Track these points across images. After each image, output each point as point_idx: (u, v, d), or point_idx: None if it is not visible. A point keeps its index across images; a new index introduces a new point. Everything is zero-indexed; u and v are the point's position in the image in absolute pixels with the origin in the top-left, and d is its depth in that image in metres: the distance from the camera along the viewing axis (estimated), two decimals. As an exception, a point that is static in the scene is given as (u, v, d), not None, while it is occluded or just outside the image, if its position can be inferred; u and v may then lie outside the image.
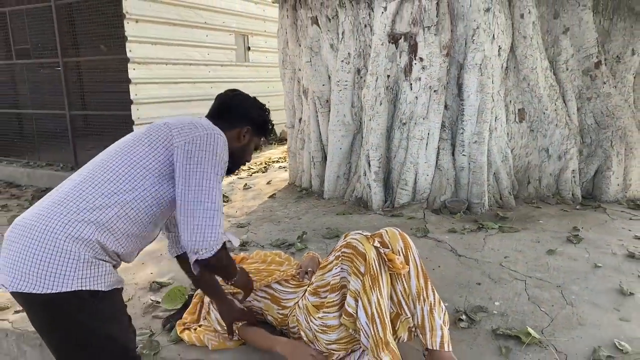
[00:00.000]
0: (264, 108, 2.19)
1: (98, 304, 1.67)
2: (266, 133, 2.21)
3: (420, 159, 4.79)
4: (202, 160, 1.76)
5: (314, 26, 5.26)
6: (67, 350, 1.69)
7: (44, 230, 1.60)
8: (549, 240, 4.09)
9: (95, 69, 8.47)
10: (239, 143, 2.08)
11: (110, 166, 1.76)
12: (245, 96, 2.16)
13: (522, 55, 4.85)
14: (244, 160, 2.18)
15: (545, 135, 5.07)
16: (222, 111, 2.09)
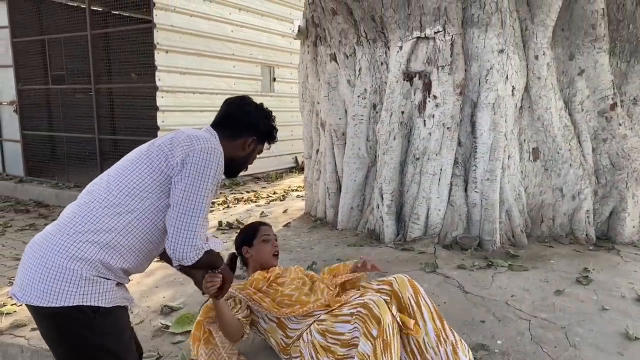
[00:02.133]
0: (270, 116, 2.22)
1: (99, 319, 1.78)
2: (271, 140, 2.26)
3: (433, 194, 4.85)
4: (194, 174, 1.84)
5: (333, 62, 5.44)
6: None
7: (50, 249, 1.77)
8: (558, 280, 4.08)
9: (125, 95, 8.81)
10: (243, 152, 2.15)
11: (112, 189, 1.87)
12: (252, 106, 2.18)
13: (537, 95, 4.92)
14: (246, 166, 2.25)
15: (559, 175, 5.09)
16: (229, 121, 2.12)
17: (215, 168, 1.89)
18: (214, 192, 1.97)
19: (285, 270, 2.73)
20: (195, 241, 1.81)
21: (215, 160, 1.90)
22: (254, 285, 2.57)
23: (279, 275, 2.70)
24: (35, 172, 9.60)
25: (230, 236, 5.57)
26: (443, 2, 4.57)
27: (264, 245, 2.68)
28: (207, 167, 1.87)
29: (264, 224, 2.82)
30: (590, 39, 4.95)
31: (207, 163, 1.87)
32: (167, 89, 8.01)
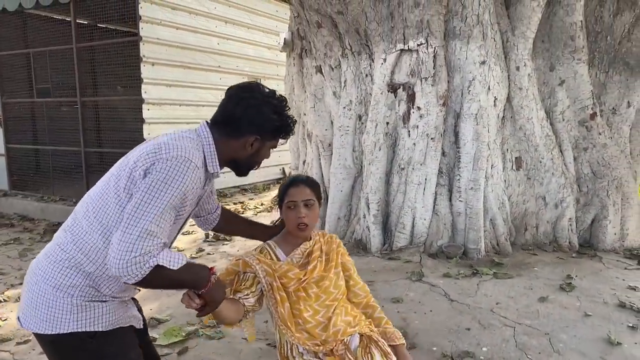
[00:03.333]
0: (278, 109, 1.84)
1: (96, 343, 1.73)
2: (282, 136, 1.92)
3: (418, 203, 4.90)
4: (153, 184, 1.59)
5: (318, 74, 5.50)
6: None
7: (41, 277, 1.72)
8: (541, 288, 4.14)
9: (111, 108, 8.78)
10: (245, 152, 1.86)
11: (89, 215, 1.75)
12: (257, 100, 1.81)
13: (518, 105, 5.01)
14: (252, 167, 1.96)
15: (542, 184, 5.17)
16: (226, 117, 1.82)
17: (180, 180, 1.62)
18: (185, 211, 1.75)
19: (321, 279, 2.11)
20: (133, 254, 1.53)
21: (181, 171, 1.63)
22: (283, 280, 2.05)
23: (312, 283, 2.10)
24: (20, 186, 9.51)
25: (217, 248, 5.58)
26: (425, 15, 4.66)
27: (288, 212, 2.07)
28: (170, 177, 1.60)
29: (294, 184, 2.10)
30: (569, 50, 5.06)
31: (170, 174, 1.61)
32: (153, 101, 8.00)
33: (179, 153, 1.65)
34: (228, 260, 5.08)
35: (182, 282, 1.70)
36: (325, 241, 2.18)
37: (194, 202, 1.85)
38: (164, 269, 1.58)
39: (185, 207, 1.73)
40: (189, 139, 1.76)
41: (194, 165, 1.67)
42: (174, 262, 1.61)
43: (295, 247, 2.12)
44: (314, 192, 2.09)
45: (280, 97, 1.89)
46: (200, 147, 1.77)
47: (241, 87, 1.87)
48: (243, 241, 5.84)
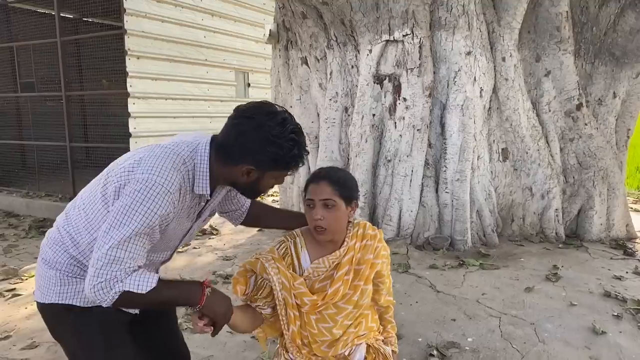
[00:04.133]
0: (277, 139, 1.62)
1: (74, 317, 1.74)
2: (287, 168, 1.71)
3: (405, 195, 4.88)
4: (123, 208, 1.54)
5: (304, 66, 5.46)
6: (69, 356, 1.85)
7: (40, 251, 1.83)
8: (528, 278, 4.14)
9: (97, 102, 8.69)
10: (242, 179, 1.72)
11: (80, 207, 1.76)
12: (250, 128, 1.63)
13: (505, 96, 5.00)
14: (256, 194, 1.83)
15: (528, 175, 5.17)
16: (221, 143, 1.69)
17: (147, 207, 1.53)
18: (172, 227, 1.68)
19: (341, 299, 1.88)
20: (99, 280, 1.51)
21: (149, 197, 1.53)
22: (298, 301, 1.87)
23: (330, 304, 1.88)
24: (5, 182, 9.38)
25: (204, 242, 5.54)
26: (411, 6, 4.62)
27: (307, 212, 1.85)
28: (137, 203, 1.53)
29: (314, 180, 1.84)
30: (555, 41, 5.05)
31: (138, 199, 1.53)
32: (139, 95, 7.91)
33: (151, 176, 1.56)
34: (214, 255, 5.05)
35: (168, 302, 1.68)
36: (361, 247, 1.89)
37: (190, 218, 1.78)
38: (135, 293, 1.55)
39: (168, 225, 1.66)
40: (172, 157, 1.64)
41: (165, 190, 1.56)
42: (143, 286, 1.56)
43: (324, 250, 1.89)
44: (338, 190, 1.79)
45: (284, 124, 1.63)
46: (185, 167, 1.65)
47: (244, 109, 1.69)
48: (230, 234, 5.80)
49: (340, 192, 1.80)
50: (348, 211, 1.85)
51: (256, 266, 1.89)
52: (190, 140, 1.73)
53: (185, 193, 1.66)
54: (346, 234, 1.89)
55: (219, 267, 4.66)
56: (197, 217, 1.83)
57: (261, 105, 1.69)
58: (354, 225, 1.93)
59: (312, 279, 1.87)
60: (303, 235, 1.93)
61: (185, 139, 1.74)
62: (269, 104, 1.70)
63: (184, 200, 1.67)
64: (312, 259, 1.88)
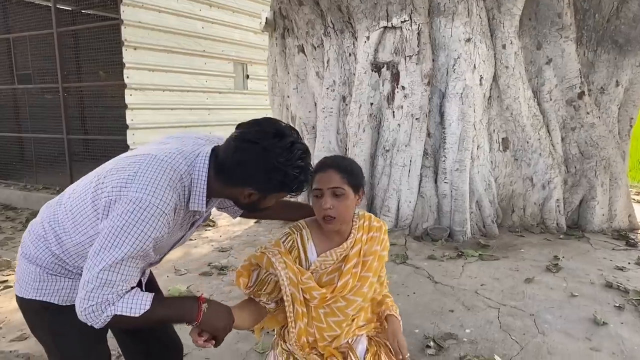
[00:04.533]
0: (283, 167, 1.51)
1: (49, 316, 1.68)
2: (291, 192, 1.61)
3: (403, 185, 4.81)
4: (114, 230, 1.45)
5: (301, 54, 5.37)
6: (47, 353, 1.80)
7: (22, 245, 1.74)
8: (527, 269, 4.07)
9: (94, 94, 8.61)
10: (244, 200, 1.63)
11: (67, 205, 1.67)
12: (253, 155, 1.51)
13: (505, 84, 4.91)
14: (257, 211, 1.73)
15: (529, 164, 5.09)
16: (221, 164, 1.57)
17: (140, 230, 1.45)
18: (166, 239, 1.58)
19: (350, 291, 1.85)
20: (90, 303, 1.46)
21: (142, 220, 1.45)
22: (306, 295, 1.82)
23: (339, 297, 1.85)
24: (3, 175, 9.33)
25: (200, 234, 5.47)
26: (409, -9, 4.53)
27: (314, 202, 1.78)
28: (129, 226, 1.44)
29: (322, 168, 1.77)
30: (557, 28, 4.95)
31: (130, 221, 1.44)
32: (136, 87, 7.83)
33: (146, 196, 1.46)
34: (210, 246, 4.98)
35: (163, 321, 1.63)
36: (368, 239, 1.86)
37: (183, 229, 1.71)
38: (128, 316, 1.49)
39: (162, 240, 1.56)
40: (168, 173, 1.53)
41: (160, 212, 1.47)
42: (136, 309, 1.50)
43: (330, 242, 1.84)
44: (346, 178, 1.73)
45: (292, 149, 1.52)
46: (181, 184, 1.55)
47: (248, 130, 1.55)
48: (227, 226, 5.73)
49: (349, 180, 1.74)
50: (356, 200, 1.79)
51: (262, 260, 1.83)
52: (189, 150, 1.62)
53: (179, 210, 1.57)
54: (352, 225, 1.84)
55: (215, 258, 4.59)
56: (191, 226, 1.76)
57: (267, 125, 1.56)
58: (359, 217, 1.88)
59: (319, 272, 1.82)
60: (309, 227, 1.87)
61: (184, 148, 1.63)
62: (276, 124, 1.57)
63: (177, 217, 1.59)
64: (318, 251, 1.83)
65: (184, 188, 1.56)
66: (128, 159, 1.61)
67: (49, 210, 1.72)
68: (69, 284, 1.68)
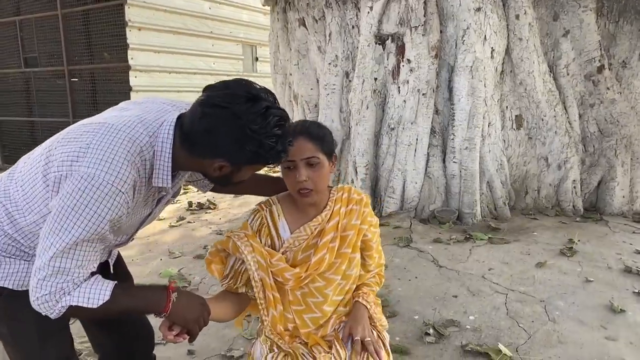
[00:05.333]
0: (257, 135, 1.32)
1: (4, 302, 1.52)
2: (267, 164, 1.44)
3: (409, 165, 4.57)
4: (65, 209, 1.29)
5: (302, 28, 5.13)
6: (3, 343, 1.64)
7: None
8: (540, 253, 3.82)
9: (100, 76, 8.49)
10: (214, 173, 1.44)
11: (19, 179, 1.48)
12: (222, 121, 1.32)
13: (518, 58, 4.62)
14: (229, 184, 1.54)
15: (544, 143, 4.81)
16: (187, 133, 1.39)
17: (97, 212, 1.29)
18: (128, 220, 1.44)
19: (329, 269, 1.69)
20: (43, 292, 1.32)
21: (95, 199, 1.28)
22: (279, 278, 1.66)
23: (316, 276, 1.69)
24: (13, 160, 9.30)
25: (199, 217, 5.31)
26: (415, -43, 4.26)
27: (287, 174, 1.60)
28: (84, 206, 1.28)
29: (293, 135, 1.53)
30: (575, -3, 4.64)
31: (82, 201, 1.27)
32: (141, 68, 7.70)
33: (99, 172, 1.29)
34: (208, 229, 4.82)
35: (125, 311, 1.48)
36: (347, 212, 1.70)
37: (148, 206, 1.55)
38: (85, 307, 1.35)
39: (121, 222, 1.40)
40: (126, 145, 1.35)
41: (115, 190, 1.30)
42: (93, 300, 1.35)
43: (304, 217, 1.69)
44: (319, 145, 1.59)
45: (266, 115, 1.34)
46: (141, 158, 1.38)
47: (216, 94, 1.36)
48: (228, 209, 5.56)
49: (322, 147, 1.60)
50: (330, 167, 1.65)
51: (228, 245, 1.67)
52: (152, 118, 1.44)
53: (140, 186, 1.41)
54: (328, 197, 1.71)
55: (211, 241, 4.42)
56: (158, 203, 1.58)
57: (238, 87, 1.36)
58: (338, 190, 1.74)
59: (293, 250, 1.68)
60: (280, 203, 1.73)
61: (146, 116, 1.44)
62: (248, 85, 1.38)
63: (138, 194, 1.42)
64: (291, 228, 1.69)
65: (144, 162, 1.39)
66: (82, 128, 1.42)
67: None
68: (24, 266, 1.52)
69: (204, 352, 2.72)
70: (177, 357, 2.71)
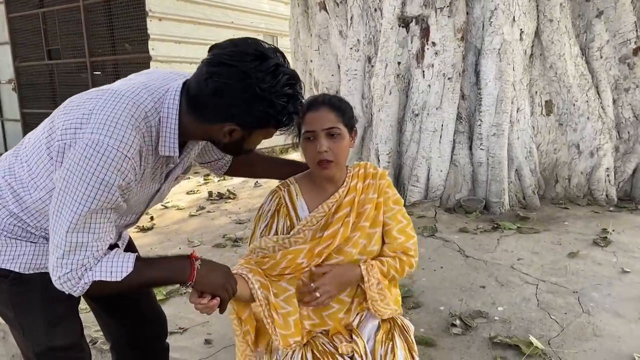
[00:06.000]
0: (267, 94, 1.24)
1: (10, 286, 1.47)
2: (279, 127, 1.35)
3: (434, 153, 4.44)
4: (69, 183, 1.24)
5: (322, 12, 5.00)
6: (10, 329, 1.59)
7: None
8: (572, 243, 3.67)
9: (122, 68, 8.50)
10: (223, 139, 1.37)
11: (23, 155, 1.44)
12: (230, 80, 1.23)
13: (549, 40, 4.43)
14: (241, 152, 1.49)
15: (575, 130, 4.61)
16: (193, 97, 1.31)
17: (104, 179, 1.23)
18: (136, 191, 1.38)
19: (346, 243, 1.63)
20: (64, 271, 1.28)
21: (104, 167, 1.22)
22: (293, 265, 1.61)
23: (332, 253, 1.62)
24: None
25: (219, 206, 5.25)
26: (440, -64, 4.10)
27: (306, 146, 1.55)
28: (91, 174, 1.22)
29: (313, 107, 1.55)
30: (609, -24, 4.43)
31: (91, 169, 1.22)
32: (162, 59, 7.67)
33: (102, 138, 1.23)
34: (228, 218, 4.76)
35: (152, 283, 1.46)
36: (364, 187, 1.65)
37: (157, 180, 1.48)
38: (109, 281, 1.31)
39: (131, 189, 1.34)
40: (129, 110, 1.28)
41: (121, 155, 1.24)
42: (117, 273, 1.31)
43: (323, 195, 1.64)
44: (340, 116, 1.55)
45: (276, 73, 1.26)
46: (146, 123, 1.31)
47: (222, 52, 1.26)
48: (248, 199, 5.48)
49: (343, 119, 1.56)
50: (350, 141, 1.60)
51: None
52: (157, 85, 1.37)
53: (147, 154, 1.34)
54: (346, 174, 1.67)
55: (230, 230, 4.36)
56: (166, 178, 1.52)
57: (245, 45, 1.27)
58: (354, 166, 1.70)
59: (311, 228, 1.62)
60: (298, 183, 1.69)
61: (151, 83, 1.38)
62: (256, 43, 1.29)
63: (145, 163, 1.36)
64: (310, 208, 1.65)
65: (149, 128, 1.32)
66: (84, 96, 1.37)
67: (3, 163, 1.47)
68: (31, 249, 1.46)
69: (222, 342, 2.65)
70: (195, 346, 2.65)
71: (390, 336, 1.59)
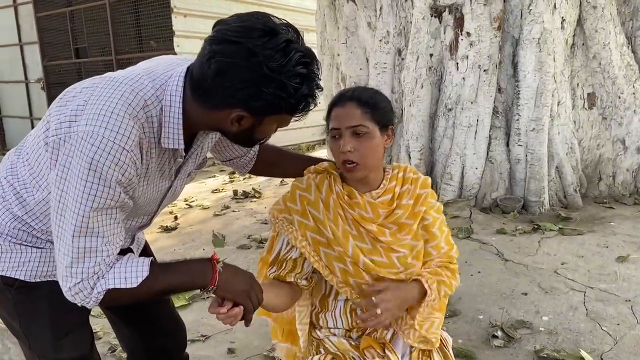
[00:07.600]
0: (277, 74, 1.10)
1: (16, 295, 1.40)
2: (293, 112, 1.22)
3: (468, 149, 4.31)
4: (65, 184, 1.14)
5: (350, 3, 4.89)
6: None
7: None
8: (620, 246, 3.51)
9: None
10: (231, 127, 1.24)
11: (23, 154, 1.35)
12: (239, 62, 1.09)
13: (592, 28, 4.25)
14: (252, 144, 1.38)
15: (620, 124, 4.45)
16: (197, 81, 1.17)
17: (102, 174, 1.12)
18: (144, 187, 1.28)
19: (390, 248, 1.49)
20: (75, 281, 1.19)
21: (101, 161, 1.11)
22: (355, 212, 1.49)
23: None
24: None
25: (244, 205, 5.15)
26: None
27: (332, 144, 1.44)
28: (87, 169, 1.12)
29: (340, 102, 1.44)
30: (659, -42, 4.21)
31: (86, 164, 1.11)
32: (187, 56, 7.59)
33: (97, 129, 1.12)
34: (253, 218, 4.66)
35: (170, 289, 1.32)
36: (402, 192, 1.50)
37: (166, 176, 1.36)
38: (124, 289, 1.22)
39: (134, 190, 1.25)
40: (126, 98, 1.16)
41: (118, 148, 1.13)
42: (132, 279, 1.22)
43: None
44: (369, 113, 1.39)
45: (286, 50, 1.11)
46: (146, 113, 1.18)
47: (226, 28, 1.13)
48: (274, 197, 5.36)
49: (373, 115, 1.41)
50: (384, 140, 1.45)
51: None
52: (161, 71, 1.24)
53: (149, 147, 1.23)
54: (383, 175, 1.52)
55: (255, 231, 4.26)
56: (177, 174, 1.40)
57: (253, 20, 1.13)
58: (394, 168, 1.56)
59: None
60: (337, 172, 1.56)
61: (155, 69, 1.25)
62: (265, 17, 1.15)
63: (148, 157, 1.24)
64: None
65: (149, 118, 1.20)
66: (82, 85, 1.26)
67: (5, 163, 1.38)
68: (37, 255, 1.37)
69: (246, 351, 2.54)
70: (217, 356, 2.55)
71: (427, 352, 1.44)
